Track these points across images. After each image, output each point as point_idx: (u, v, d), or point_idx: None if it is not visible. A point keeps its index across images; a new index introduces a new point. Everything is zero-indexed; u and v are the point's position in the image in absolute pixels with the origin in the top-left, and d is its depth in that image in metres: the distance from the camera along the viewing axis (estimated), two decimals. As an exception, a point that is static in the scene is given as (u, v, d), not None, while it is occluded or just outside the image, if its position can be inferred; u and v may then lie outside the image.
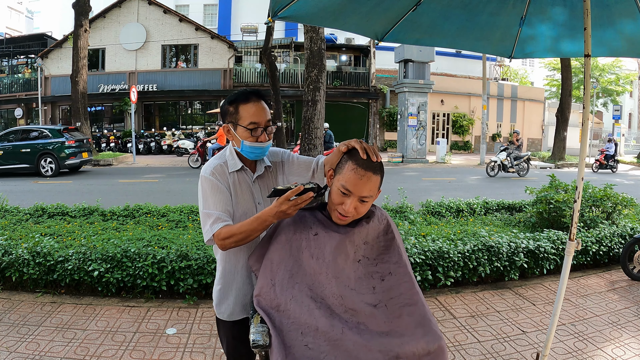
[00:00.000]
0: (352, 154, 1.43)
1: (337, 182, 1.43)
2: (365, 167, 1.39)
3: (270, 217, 1.41)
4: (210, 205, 1.54)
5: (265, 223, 1.43)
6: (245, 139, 1.57)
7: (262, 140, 1.58)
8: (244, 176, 1.64)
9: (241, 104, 1.58)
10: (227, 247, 1.51)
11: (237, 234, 1.47)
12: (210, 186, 1.56)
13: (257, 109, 1.57)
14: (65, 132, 13.43)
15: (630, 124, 42.23)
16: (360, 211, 1.43)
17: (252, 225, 1.45)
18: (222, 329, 1.72)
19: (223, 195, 1.56)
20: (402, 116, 19.00)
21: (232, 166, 1.62)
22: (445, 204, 6.09)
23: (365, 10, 2.22)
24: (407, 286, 1.43)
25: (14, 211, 5.56)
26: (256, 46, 24.35)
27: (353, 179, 1.38)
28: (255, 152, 1.60)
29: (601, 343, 2.95)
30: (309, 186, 1.38)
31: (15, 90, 25.21)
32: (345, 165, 1.42)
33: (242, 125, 1.57)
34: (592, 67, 22.28)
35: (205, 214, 1.54)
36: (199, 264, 3.53)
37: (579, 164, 2.18)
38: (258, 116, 1.57)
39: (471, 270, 3.92)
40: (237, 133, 1.58)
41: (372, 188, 1.40)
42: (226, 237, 1.48)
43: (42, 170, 12.80)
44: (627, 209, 5.41)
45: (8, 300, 3.48)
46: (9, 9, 44.95)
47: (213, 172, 1.58)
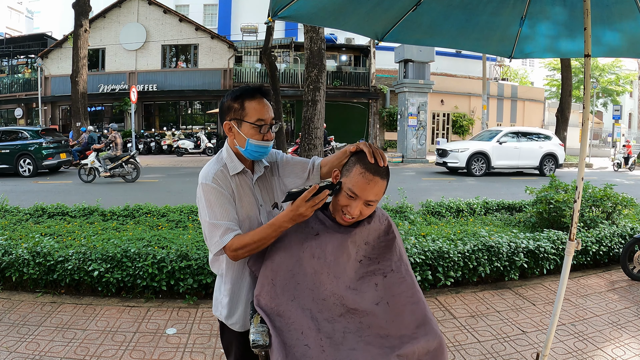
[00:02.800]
0: (360, 157, 1.41)
1: (343, 184, 1.42)
2: (373, 171, 1.38)
3: (285, 223, 1.38)
4: (217, 215, 1.46)
5: (280, 229, 1.40)
6: (252, 136, 1.50)
7: (268, 139, 1.52)
8: (245, 178, 1.58)
9: (247, 100, 1.51)
10: (239, 258, 1.47)
11: (251, 243, 1.42)
12: (214, 194, 1.48)
13: (263, 106, 1.52)
14: (43, 134, 13.63)
15: (630, 124, 42.23)
16: (364, 214, 1.44)
17: (265, 233, 1.41)
18: (232, 339, 1.64)
19: (228, 202, 1.49)
20: (402, 116, 19.01)
21: (233, 169, 1.55)
22: (445, 204, 6.09)
23: (365, 10, 2.22)
24: (407, 286, 1.43)
25: (14, 211, 5.56)
26: (256, 46, 24.36)
27: (361, 183, 1.38)
28: (260, 151, 1.53)
29: (601, 343, 2.95)
30: (323, 184, 1.37)
31: (15, 90, 25.21)
32: (353, 168, 1.41)
33: (248, 122, 1.50)
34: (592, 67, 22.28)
35: (212, 224, 1.47)
36: (199, 264, 3.53)
37: (579, 164, 2.18)
38: (265, 113, 1.51)
39: (471, 270, 3.93)
40: (242, 130, 1.51)
41: (379, 192, 1.41)
42: (239, 247, 1.43)
43: (21, 171, 12.97)
44: (627, 209, 5.41)
45: (8, 300, 3.48)
46: (9, 9, 44.95)
47: (215, 178, 1.49)
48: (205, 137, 21.48)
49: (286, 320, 1.36)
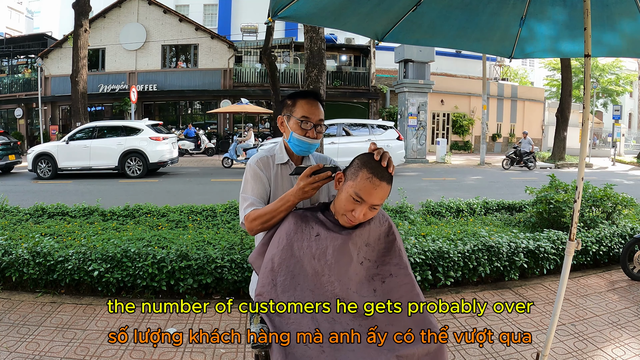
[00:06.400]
0: (366, 162, 1.41)
1: (349, 188, 1.41)
2: (380, 176, 1.38)
3: (291, 197, 1.50)
4: (248, 190, 1.68)
5: (288, 203, 1.52)
6: (295, 131, 1.68)
7: (309, 136, 1.68)
8: (288, 170, 1.74)
9: (299, 99, 1.71)
10: (254, 230, 1.60)
11: (263, 215, 1.56)
12: (252, 173, 1.70)
13: (311, 106, 1.69)
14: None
15: (630, 124, 42.24)
16: (367, 217, 1.45)
17: (276, 206, 1.54)
18: None
19: (262, 184, 1.70)
20: (402, 116, 19.01)
21: (279, 159, 1.74)
22: (445, 204, 6.09)
23: (365, 10, 2.22)
24: (407, 288, 1.43)
25: (14, 211, 5.56)
26: (256, 46, 24.35)
27: (368, 188, 1.38)
28: (302, 146, 1.69)
29: (601, 343, 2.95)
30: (328, 165, 1.47)
31: (15, 90, 25.20)
32: (359, 172, 1.40)
33: (294, 117, 1.69)
34: (592, 67, 22.29)
35: (242, 197, 1.69)
36: (199, 264, 3.53)
37: (579, 164, 2.18)
38: (311, 112, 1.68)
39: (471, 270, 3.92)
40: (289, 125, 1.70)
41: (384, 197, 1.42)
42: (254, 218, 1.58)
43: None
44: (627, 209, 5.40)
45: (8, 300, 3.48)
46: (9, 9, 44.95)
47: (258, 162, 1.72)
48: (205, 137, 21.47)
49: (286, 320, 1.36)
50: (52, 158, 12.66)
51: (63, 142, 12.92)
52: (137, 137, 12.99)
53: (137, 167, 12.87)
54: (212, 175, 13.00)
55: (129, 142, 12.89)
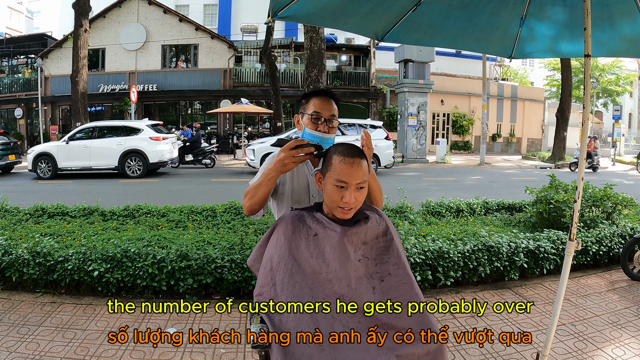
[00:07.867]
0: (332, 150, 1.50)
1: (329, 179, 1.45)
2: (352, 154, 1.44)
3: (271, 170, 1.54)
4: (257, 174, 1.71)
5: (268, 176, 1.56)
6: (307, 126, 1.73)
7: (321, 130, 1.71)
8: (304, 166, 1.79)
9: (312, 96, 1.77)
10: (245, 207, 1.64)
11: (250, 191, 1.63)
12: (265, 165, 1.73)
13: (322, 102, 1.74)
14: None
15: (630, 124, 42.23)
16: (360, 199, 1.47)
17: (259, 181, 1.59)
18: None
19: None
20: (402, 116, 19.01)
21: None
22: (445, 204, 6.09)
23: (365, 10, 2.23)
24: (406, 287, 1.43)
25: (14, 211, 5.55)
26: (256, 46, 24.34)
27: (345, 169, 1.42)
28: (314, 140, 1.70)
29: (601, 343, 2.95)
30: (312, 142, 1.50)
31: (15, 90, 25.19)
32: (331, 160, 1.47)
33: (307, 113, 1.74)
34: (592, 67, 22.30)
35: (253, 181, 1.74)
36: (199, 264, 3.53)
37: (579, 164, 2.18)
38: (322, 107, 1.73)
39: (471, 270, 3.92)
40: (303, 121, 1.76)
41: (364, 172, 1.45)
42: (244, 195, 1.65)
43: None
44: (627, 209, 5.40)
45: (8, 300, 3.48)
46: (9, 9, 44.95)
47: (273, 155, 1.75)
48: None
49: (286, 319, 1.37)
50: (52, 158, 12.67)
51: (63, 142, 12.93)
52: (137, 137, 13.00)
53: (137, 167, 12.88)
54: (212, 175, 13.01)
55: (129, 142, 12.91)
